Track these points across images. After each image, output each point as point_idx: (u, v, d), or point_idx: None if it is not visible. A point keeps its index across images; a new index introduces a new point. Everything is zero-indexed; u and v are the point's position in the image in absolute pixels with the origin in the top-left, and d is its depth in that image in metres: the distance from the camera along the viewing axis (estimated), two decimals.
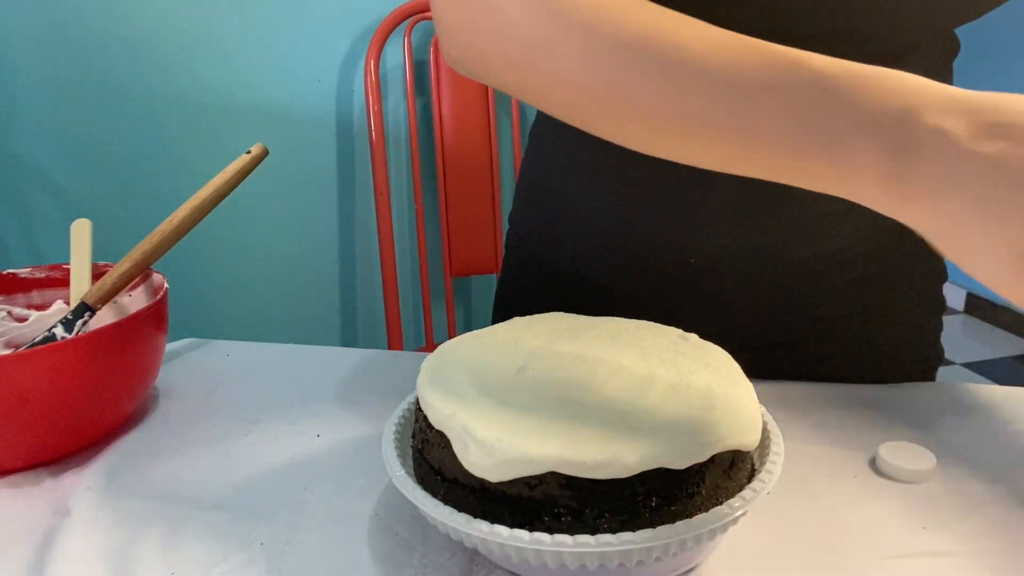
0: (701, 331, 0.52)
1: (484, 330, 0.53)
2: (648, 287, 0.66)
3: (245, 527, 0.49)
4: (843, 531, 0.48)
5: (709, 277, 0.64)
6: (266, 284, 1.67)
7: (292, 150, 1.57)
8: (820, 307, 0.66)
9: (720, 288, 0.64)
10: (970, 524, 0.48)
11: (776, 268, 0.63)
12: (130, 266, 0.62)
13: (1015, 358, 2.52)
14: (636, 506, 0.39)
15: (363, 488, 0.53)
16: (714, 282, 0.64)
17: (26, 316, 0.66)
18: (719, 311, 0.65)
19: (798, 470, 0.53)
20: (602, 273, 0.69)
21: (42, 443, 0.56)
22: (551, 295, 0.72)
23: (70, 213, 0.69)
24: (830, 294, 0.66)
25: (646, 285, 0.67)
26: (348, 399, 0.65)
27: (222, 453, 0.58)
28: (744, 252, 0.63)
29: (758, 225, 0.61)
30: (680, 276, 0.65)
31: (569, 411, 0.42)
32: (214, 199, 0.63)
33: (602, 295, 0.69)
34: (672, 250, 0.64)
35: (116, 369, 0.58)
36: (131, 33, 1.48)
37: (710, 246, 0.63)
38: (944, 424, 0.59)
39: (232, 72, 1.52)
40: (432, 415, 0.44)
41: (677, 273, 0.65)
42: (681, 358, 0.47)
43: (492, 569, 0.45)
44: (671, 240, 0.64)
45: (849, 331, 0.67)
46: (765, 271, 0.63)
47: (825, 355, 0.68)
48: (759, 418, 0.45)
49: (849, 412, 0.61)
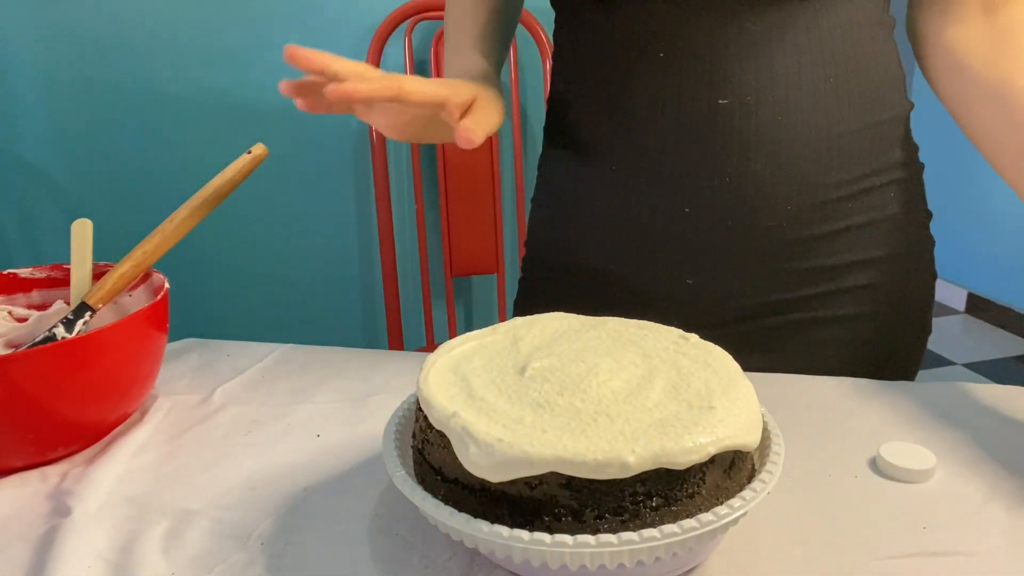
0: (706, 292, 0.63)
1: (484, 330, 0.53)
2: (666, 268, 0.68)
3: (245, 527, 0.49)
4: (843, 531, 0.48)
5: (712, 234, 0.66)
6: (266, 284, 1.67)
7: (292, 150, 1.57)
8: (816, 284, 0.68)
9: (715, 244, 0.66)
10: (970, 524, 0.48)
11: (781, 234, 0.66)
12: (130, 266, 0.62)
13: (1015, 358, 2.52)
14: (636, 506, 0.39)
15: (363, 488, 0.53)
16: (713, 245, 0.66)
17: (26, 316, 0.66)
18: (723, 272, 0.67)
19: (798, 470, 0.53)
20: (617, 261, 0.70)
21: (42, 443, 0.56)
22: (571, 287, 0.75)
23: (70, 213, 0.69)
24: (828, 272, 0.68)
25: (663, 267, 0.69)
26: (348, 399, 0.65)
27: (222, 453, 0.58)
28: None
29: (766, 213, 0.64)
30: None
31: (569, 411, 0.42)
32: (214, 199, 0.63)
33: (621, 282, 0.71)
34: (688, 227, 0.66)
35: (116, 369, 0.58)
36: (131, 33, 1.48)
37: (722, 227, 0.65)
38: (944, 424, 0.59)
39: (232, 72, 1.52)
40: (432, 415, 0.44)
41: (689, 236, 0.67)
42: (681, 358, 0.47)
43: (492, 569, 0.45)
44: (683, 221, 0.66)
45: (838, 321, 0.69)
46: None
47: (814, 339, 0.70)
48: (759, 418, 0.45)
49: (849, 412, 0.61)
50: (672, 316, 0.67)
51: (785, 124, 0.62)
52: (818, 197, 0.65)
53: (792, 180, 0.63)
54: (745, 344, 0.67)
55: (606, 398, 0.43)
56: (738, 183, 0.63)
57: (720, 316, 0.69)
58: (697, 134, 0.62)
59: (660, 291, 0.69)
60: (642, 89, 0.64)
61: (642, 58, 0.64)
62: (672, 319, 0.63)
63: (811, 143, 0.63)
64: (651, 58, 0.63)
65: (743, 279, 0.67)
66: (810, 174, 0.63)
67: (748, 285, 0.68)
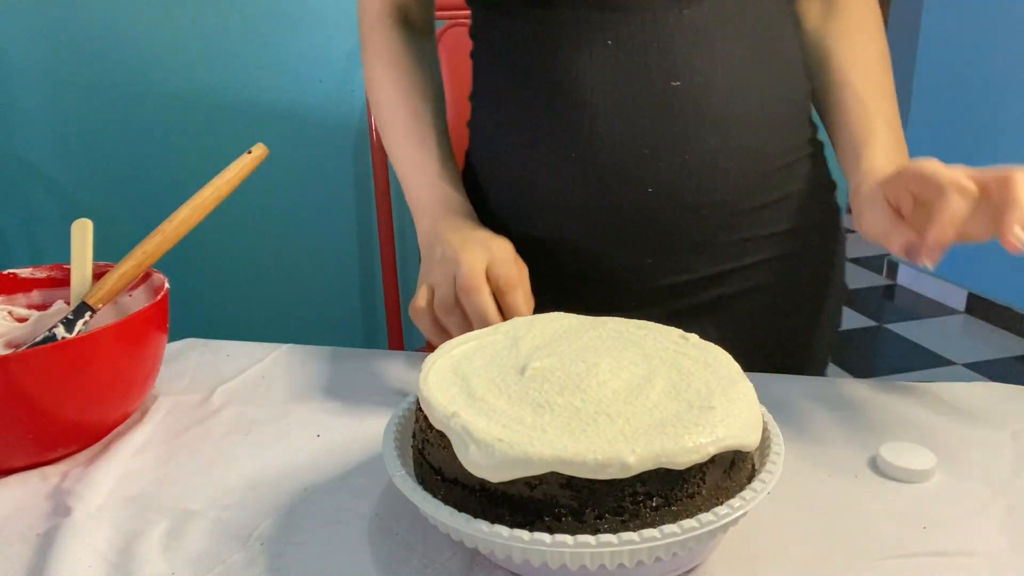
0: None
1: (484, 330, 0.53)
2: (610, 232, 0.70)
3: (245, 527, 0.49)
4: (843, 531, 0.48)
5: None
6: (266, 284, 1.67)
7: (292, 150, 1.57)
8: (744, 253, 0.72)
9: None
10: (970, 524, 0.48)
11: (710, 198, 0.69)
12: (130, 266, 0.62)
13: (1015, 358, 2.51)
14: (636, 506, 0.39)
15: (363, 488, 0.53)
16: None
17: (26, 316, 0.66)
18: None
19: (798, 470, 0.53)
20: (577, 242, 0.71)
21: (42, 443, 0.56)
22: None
23: (70, 213, 0.69)
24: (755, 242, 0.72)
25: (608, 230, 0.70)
26: (348, 399, 0.65)
27: (222, 453, 0.58)
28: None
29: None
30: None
31: (569, 411, 0.42)
32: (214, 199, 0.63)
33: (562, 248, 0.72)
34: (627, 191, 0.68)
35: (116, 369, 0.58)
36: (131, 33, 1.48)
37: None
38: (944, 424, 0.59)
39: (232, 72, 1.52)
40: (432, 415, 0.44)
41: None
42: (681, 358, 0.47)
43: (492, 569, 0.45)
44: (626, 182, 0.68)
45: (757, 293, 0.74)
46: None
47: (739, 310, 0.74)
48: (759, 418, 0.45)
49: (849, 412, 0.61)
50: (628, 293, 0.72)
51: (732, 102, 0.66)
52: (763, 168, 0.70)
53: (741, 153, 0.68)
54: (699, 316, 0.72)
55: (606, 398, 0.43)
56: (696, 160, 0.66)
57: (675, 290, 0.72)
58: (655, 116, 0.65)
59: (619, 269, 0.71)
60: (594, 77, 0.66)
61: (592, 47, 0.66)
62: (628, 297, 0.71)
63: (753, 118, 0.68)
64: (600, 47, 0.65)
65: (700, 252, 0.71)
66: (755, 147, 0.69)
67: (705, 257, 0.71)
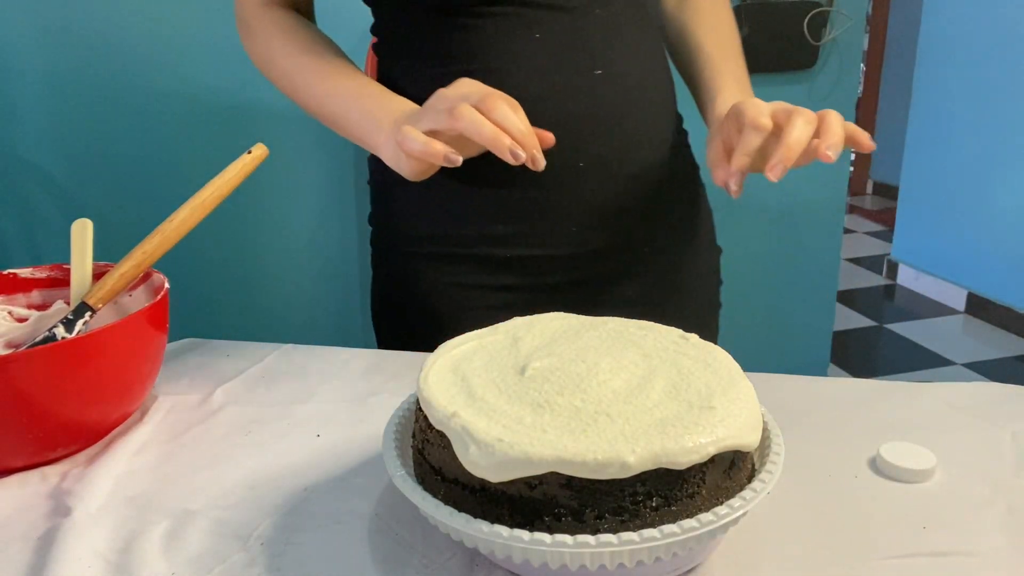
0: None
1: (484, 330, 0.53)
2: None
3: (245, 527, 0.49)
4: (843, 531, 0.48)
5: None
6: (266, 284, 1.67)
7: (293, 150, 1.57)
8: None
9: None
10: (970, 524, 0.48)
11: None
12: (130, 266, 0.62)
13: (1015, 358, 2.52)
14: (636, 506, 0.39)
15: (363, 488, 0.53)
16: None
17: (26, 316, 0.66)
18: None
19: (798, 470, 0.53)
20: (511, 225, 0.76)
21: (42, 443, 0.56)
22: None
23: (70, 213, 0.69)
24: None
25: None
26: (348, 399, 0.65)
27: (222, 453, 0.58)
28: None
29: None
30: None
31: (569, 411, 0.42)
32: (214, 199, 0.63)
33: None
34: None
35: (116, 369, 0.58)
36: (131, 33, 1.48)
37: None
38: (944, 424, 0.59)
39: (232, 72, 1.52)
40: (432, 415, 0.44)
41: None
42: (681, 358, 0.47)
43: (492, 569, 0.45)
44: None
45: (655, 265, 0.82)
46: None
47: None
48: (759, 418, 0.45)
49: (849, 412, 0.61)
50: (562, 259, 0.77)
51: (646, 86, 0.76)
52: (666, 145, 0.79)
53: (649, 131, 0.77)
54: (615, 279, 0.80)
55: (606, 398, 0.43)
56: (617, 137, 0.74)
57: (600, 254, 0.78)
58: (584, 100, 0.73)
59: (546, 245, 0.76)
60: (524, 67, 0.71)
61: (521, 42, 0.71)
62: (555, 269, 0.76)
63: (656, 100, 0.78)
64: (525, 40, 0.71)
65: (618, 224, 0.77)
66: (659, 126, 0.78)
67: (621, 230, 0.78)
